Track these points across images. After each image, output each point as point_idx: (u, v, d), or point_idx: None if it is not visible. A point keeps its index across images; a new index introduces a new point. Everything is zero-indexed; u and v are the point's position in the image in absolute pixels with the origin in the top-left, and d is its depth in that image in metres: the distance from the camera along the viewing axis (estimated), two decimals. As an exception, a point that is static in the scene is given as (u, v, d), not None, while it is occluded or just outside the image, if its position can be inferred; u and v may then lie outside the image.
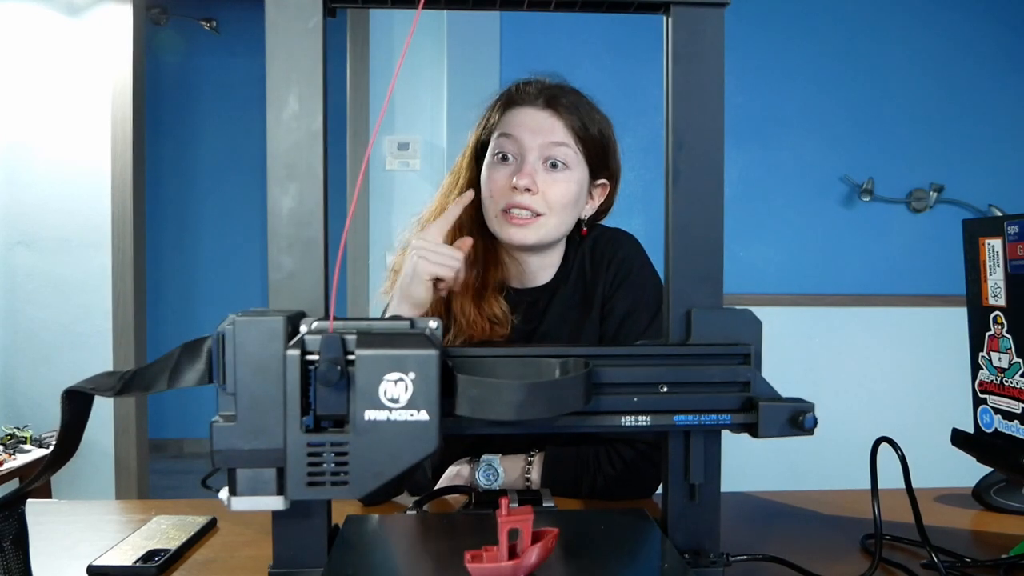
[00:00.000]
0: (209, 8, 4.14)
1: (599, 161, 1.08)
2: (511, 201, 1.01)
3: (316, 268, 0.59)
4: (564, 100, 1.05)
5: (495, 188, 1.03)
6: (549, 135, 1.02)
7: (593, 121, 1.06)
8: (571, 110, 1.04)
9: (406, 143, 2.69)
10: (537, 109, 1.04)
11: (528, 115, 1.04)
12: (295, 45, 0.58)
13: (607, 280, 1.08)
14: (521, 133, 1.03)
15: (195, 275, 4.39)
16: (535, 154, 1.02)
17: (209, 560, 0.77)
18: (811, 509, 0.94)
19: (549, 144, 1.02)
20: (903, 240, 2.73)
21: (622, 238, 1.12)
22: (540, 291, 1.12)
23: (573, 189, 1.04)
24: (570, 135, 1.04)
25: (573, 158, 1.04)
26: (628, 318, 1.06)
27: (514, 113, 1.05)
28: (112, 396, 0.53)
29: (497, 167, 1.04)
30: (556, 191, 1.02)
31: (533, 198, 1.01)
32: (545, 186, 1.02)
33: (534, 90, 1.06)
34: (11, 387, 2.66)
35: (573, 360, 0.57)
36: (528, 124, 1.03)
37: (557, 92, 1.06)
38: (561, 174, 1.03)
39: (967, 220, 0.82)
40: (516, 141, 1.03)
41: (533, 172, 1.01)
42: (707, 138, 0.62)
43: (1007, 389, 0.77)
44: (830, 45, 2.68)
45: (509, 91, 1.08)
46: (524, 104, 1.05)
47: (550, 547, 0.56)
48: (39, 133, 2.64)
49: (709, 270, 0.62)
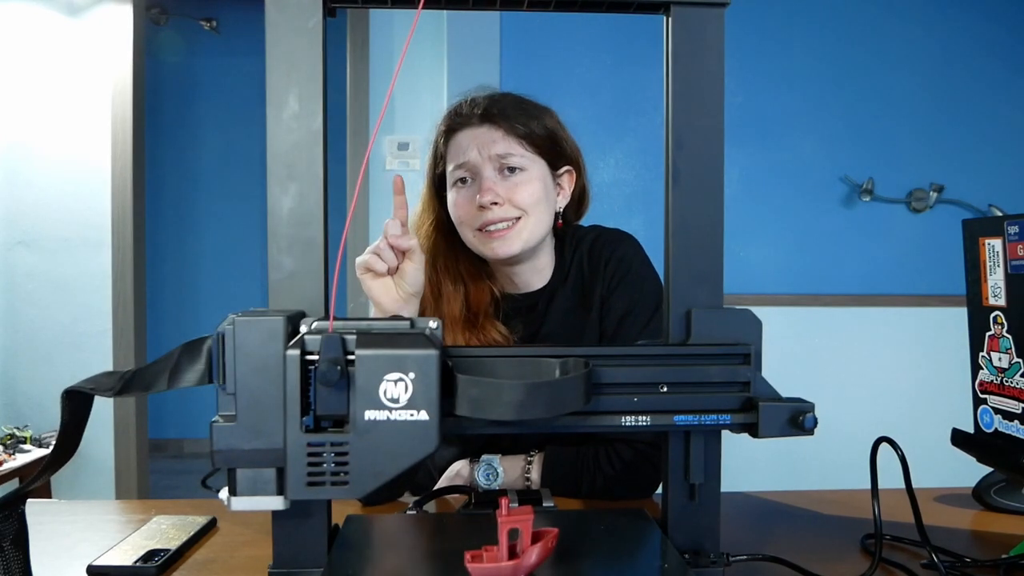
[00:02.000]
0: (209, 8, 4.14)
1: (553, 153, 1.09)
2: (484, 219, 1.03)
3: (316, 268, 0.59)
4: (496, 109, 1.06)
5: (463, 213, 1.05)
6: (493, 146, 1.04)
7: (532, 118, 1.07)
8: (506, 116, 1.06)
9: (406, 143, 2.69)
10: (475, 127, 1.06)
11: (469, 135, 1.06)
12: (295, 45, 0.58)
13: (606, 279, 1.08)
14: (468, 154, 1.04)
15: (195, 275, 4.39)
16: (488, 167, 1.04)
17: (209, 560, 0.77)
18: (811, 509, 0.94)
19: (497, 154, 1.04)
20: (903, 240, 2.73)
21: (621, 237, 1.12)
22: (538, 294, 1.12)
23: (537, 188, 1.05)
24: (513, 141, 1.05)
25: (525, 159, 1.05)
26: (627, 316, 1.06)
27: (457, 138, 1.07)
28: (112, 396, 0.53)
29: (459, 192, 1.06)
30: (521, 194, 1.03)
31: (502, 209, 1.02)
32: (509, 193, 1.03)
33: (467, 109, 1.07)
34: (11, 387, 2.66)
35: (573, 360, 0.57)
36: (472, 143, 1.05)
37: (489, 104, 1.07)
38: (519, 176, 1.04)
39: (967, 220, 0.82)
40: (466, 162, 1.04)
41: (493, 186, 1.03)
42: (707, 138, 0.62)
43: (1007, 389, 0.77)
44: (830, 45, 2.68)
45: (448, 118, 1.10)
46: (464, 126, 1.07)
47: (550, 547, 0.56)
48: (39, 133, 2.64)
49: (709, 270, 0.62)
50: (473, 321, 1.07)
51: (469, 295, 1.09)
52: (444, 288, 1.09)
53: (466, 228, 1.05)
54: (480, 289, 1.10)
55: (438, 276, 1.09)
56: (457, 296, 1.08)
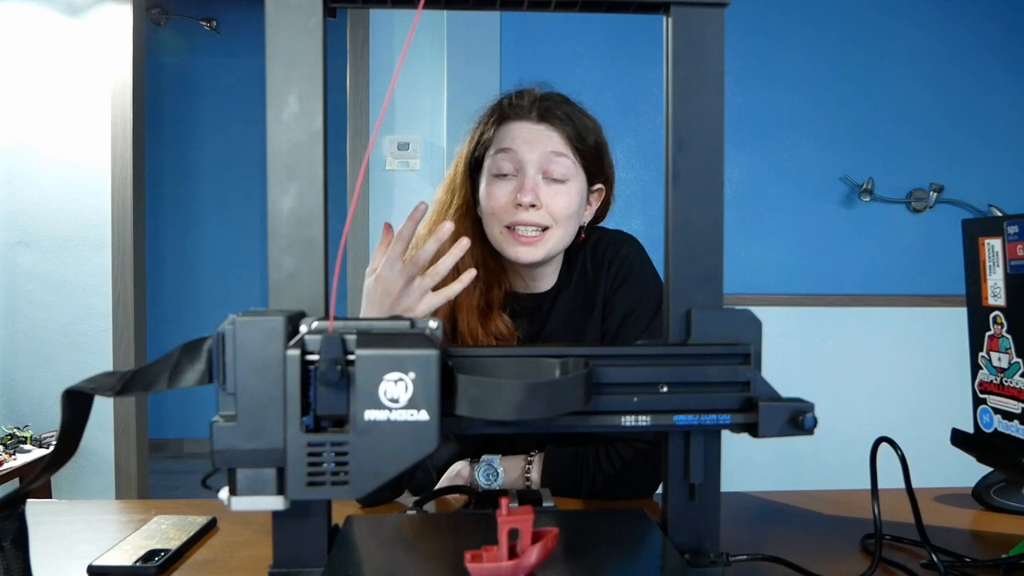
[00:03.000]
0: (209, 8, 4.14)
1: (595, 168, 1.08)
2: (516, 219, 1.01)
3: (316, 268, 0.59)
4: (558, 111, 1.04)
5: (497, 206, 1.02)
6: (547, 147, 1.02)
7: (587, 129, 1.06)
8: (565, 121, 1.04)
9: (406, 143, 2.69)
10: (532, 122, 1.03)
11: (524, 129, 1.03)
12: (295, 45, 0.58)
13: (608, 280, 1.08)
14: (518, 147, 1.02)
15: (195, 275, 4.39)
16: (534, 167, 1.02)
17: (209, 560, 0.77)
18: (811, 509, 0.94)
19: (548, 156, 1.02)
20: (903, 240, 2.73)
21: (623, 239, 1.12)
22: (543, 296, 1.12)
23: (575, 200, 1.04)
24: (567, 146, 1.03)
25: (572, 169, 1.04)
26: (629, 316, 1.06)
27: (509, 128, 1.04)
28: (112, 396, 0.53)
29: (497, 183, 1.03)
30: (559, 204, 1.02)
31: (538, 213, 1.01)
32: (548, 200, 1.01)
33: (526, 103, 1.05)
34: (11, 387, 2.66)
35: (573, 360, 0.57)
36: (525, 137, 1.02)
37: (550, 103, 1.05)
38: (562, 186, 1.03)
39: (967, 220, 0.82)
40: (514, 156, 1.02)
41: (536, 187, 1.01)
42: (707, 138, 0.62)
43: (1007, 389, 0.77)
44: (830, 45, 2.68)
45: (501, 105, 1.07)
46: (518, 118, 1.04)
47: (550, 547, 0.56)
48: (39, 133, 2.64)
49: (709, 270, 0.62)
50: (485, 311, 1.07)
51: (486, 286, 1.08)
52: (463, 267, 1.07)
53: (495, 221, 1.03)
54: (496, 281, 1.09)
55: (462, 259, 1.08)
56: (477, 284, 1.06)
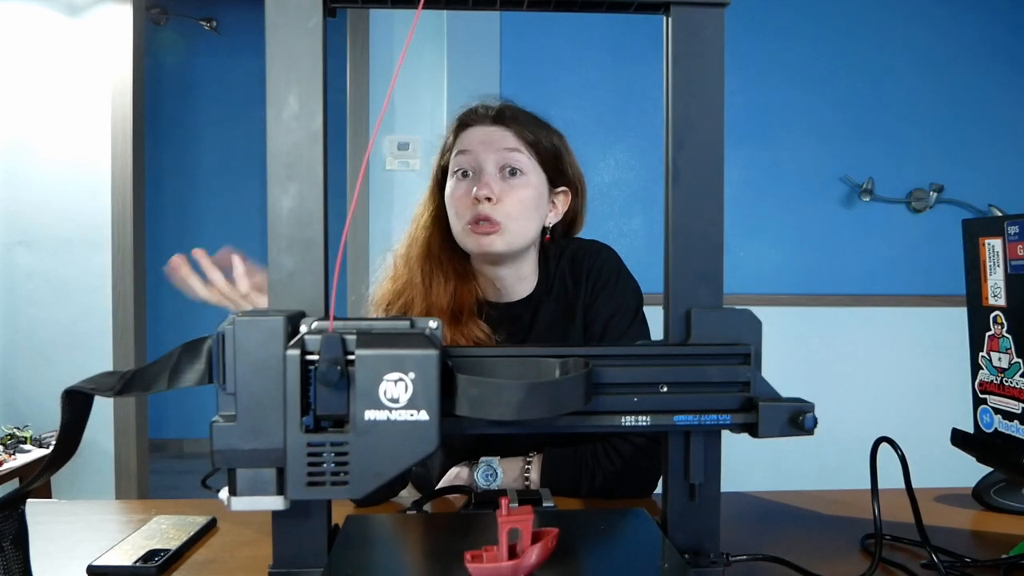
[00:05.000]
0: (209, 8, 4.14)
1: (554, 168, 1.13)
2: (475, 213, 1.05)
3: (316, 268, 0.59)
4: (511, 114, 1.11)
5: (458, 203, 1.08)
6: (501, 144, 1.08)
7: (542, 130, 1.12)
8: (519, 122, 1.10)
9: (406, 143, 2.69)
10: (487, 125, 1.10)
11: (480, 131, 1.10)
12: (295, 45, 0.58)
13: (587, 289, 1.12)
14: (475, 147, 1.08)
15: (195, 275, 4.38)
16: (491, 164, 1.07)
17: (209, 560, 0.77)
18: (811, 509, 0.94)
19: (503, 152, 1.08)
20: (903, 240, 2.73)
21: (599, 248, 1.16)
22: (522, 305, 1.14)
23: (531, 194, 1.08)
24: (521, 143, 1.09)
25: (527, 164, 1.09)
26: (611, 321, 1.10)
27: (467, 132, 1.11)
28: (112, 396, 0.53)
29: (459, 183, 1.09)
30: (514, 198, 1.06)
31: (493, 207, 1.05)
32: (503, 194, 1.06)
33: (482, 109, 1.12)
34: (11, 387, 2.66)
35: (573, 360, 0.57)
36: (481, 139, 1.09)
37: (505, 108, 1.12)
38: (518, 180, 1.08)
39: (967, 220, 0.82)
40: (471, 155, 1.08)
41: (491, 182, 1.06)
42: (707, 138, 0.62)
43: (1007, 389, 0.77)
44: (830, 45, 2.68)
45: (461, 115, 1.14)
46: (476, 123, 1.11)
47: (550, 547, 0.56)
48: (39, 133, 2.64)
49: (709, 270, 0.62)
50: (457, 316, 1.10)
51: (457, 289, 1.12)
52: (435, 279, 1.11)
53: (457, 219, 1.08)
54: (466, 288, 1.12)
55: (431, 266, 1.11)
56: (447, 290, 1.11)
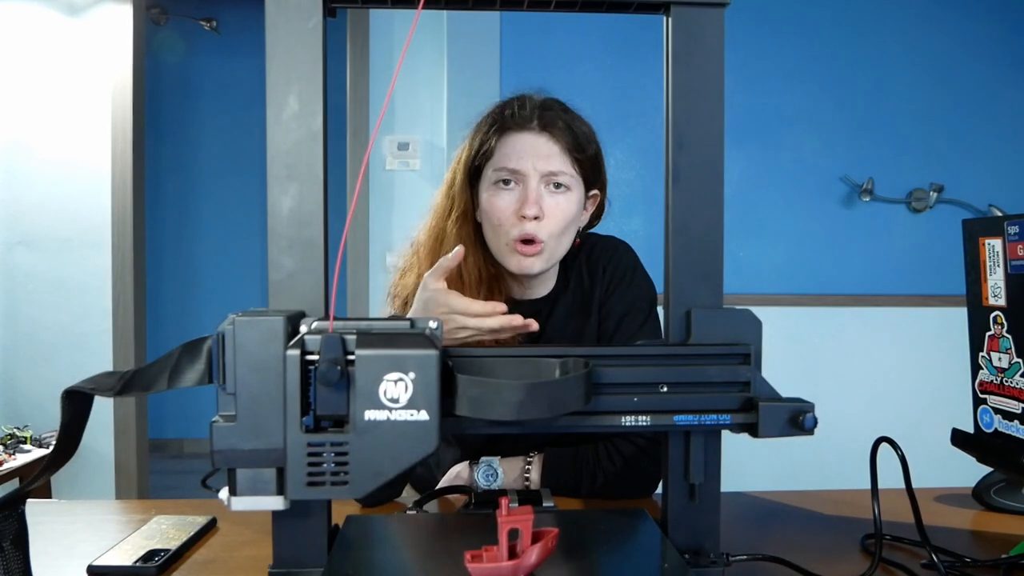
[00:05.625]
0: (209, 8, 4.14)
1: (593, 176, 1.10)
2: (521, 232, 1.01)
3: (316, 268, 0.59)
4: (559, 121, 1.04)
5: (502, 217, 1.02)
6: (548, 162, 1.02)
7: (586, 138, 1.07)
8: (566, 131, 1.04)
9: (406, 143, 2.69)
10: (533, 134, 1.04)
11: (525, 140, 1.03)
12: (295, 45, 0.58)
13: (603, 285, 1.11)
14: (521, 161, 1.02)
15: (195, 275, 4.38)
16: (536, 179, 1.02)
17: (209, 560, 0.77)
18: (811, 509, 0.94)
19: (549, 168, 1.02)
20: (903, 240, 2.73)
21: (616, 245, 1.15)
22: (541, 302, 1.14)
23: (574, 209, 1.05)
24: (567, 159, 1.04)
25: (572, 179, 1.05)
26: (624, 319, 1.08)
27: (510, 139, 1.04)
28: (112, 396, 0.53)
29: (500, 194, 1.03)
30: (559, 215, 1.02)
31: (538, 226, 1.01)
32: (550, 210, 1.02)
33: (527, 112, 1.05)
34: (11, 387, 2.65)
35: (573, 360, 0.57)
36: (527, 151, 1.02)
37: (549, 113, 1.05)
38: (563, 196, 1.04)
39: (967, 220, 0.82)
40: (517, 167, 1.02)
41: (539, 199, 1.01)
42: (707, 138, 0.62)
43: (1007, 389, 0.77)
44: (830, 45, 2.68)
45: (502, 114, 1.07)
46: (519, 129, 1.04)
47: (550, 547, 0.56)
48: (39, 133, 2.63)
49: (709, 270, 0.62)
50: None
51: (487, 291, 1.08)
52: (466, 278, 1.07)
53: (500, 233, 1.04)
54: (498, 287, 1.10)
55: (462, 269, 1.07)
56: (479, 291, 1.07)
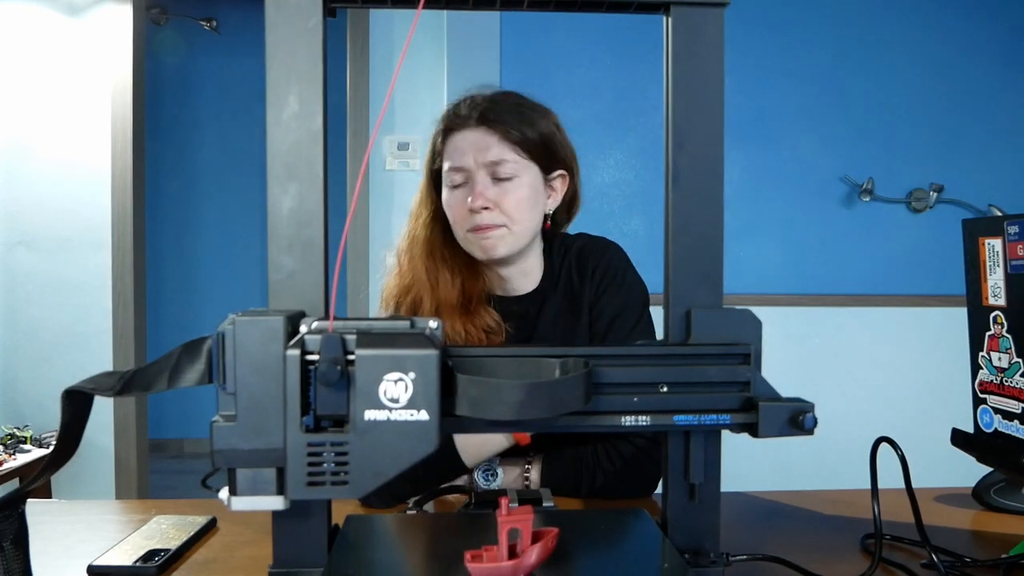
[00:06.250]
0: (209, 8, 4.14)
1: (546, 156, 1.10)
2: (473, 223, 1.05)
3: (316, 268, 0.59)
4: (495, 113, 1.07)
5: (456, 214, 1.08)
6: (487, 153, 1.05)
7: (528, 123, 1.08)
8: (504, 121, 1.06)
9: (406, 143, 2.69)
10: (472, 129, 1.07)
11: (465, 138, 1.07)
12: (295, 45, 0.58)
13: (593, 286, 1.12)
14: (462, 158, 1.06)
15: (195, 275, 4.39)
16: (481, 172, 1.05)
17: (209, 560, 0.77)
18: (811, 509, 0.94)
19: (490, 159, 1.05)
20: (903, 240, 2.73)
21: (607, 246, 1.15)
22: (528, 299, 1.14)
23: (526, 194, 1.07)
24: (507, 148, 1.06)
25: (517, 166, 1.06)
26: (617, 319, 1.09)
27: (453, 139, 1.08)
28: (112, 396, 0.53)
29: (453, 194, 1.08)
30: (510, 201, 1.05)
31: (492, 214, 1.05)
32: (498, 198, 1.05)
33: (466, 110, 1.08)
34: (11, 387, 2.66)
35: (573, 360, 0.57)
36: (466, 147, 1.06)
37: (489, 106, 1.07)
38: (510, 183, 1.06)
39: (967, 220, 0.82)
40: (461, 164, 1.06)
41: (484, 191, 1.05)
42: (707, 138, 0.62)
43: (1007, 389, 0.77)
44: (830, 45, 2.68)
45: (447, 116, 1.11)
46: (460, 128, 1.08)
47: (550, 547, 0.56)
48: (39, 133, 2.64)
49: (709, 270, 0.62)
50: (467, 307, 1.10)
51: (464, 283, 1.12)
52: (441, 276, 1.11)
53: (458, 227, 1.08)
54: (473, 281, 1.12)
55: (435, 264, 1.11)
56: (455, 284, 1.10)
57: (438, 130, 1.12)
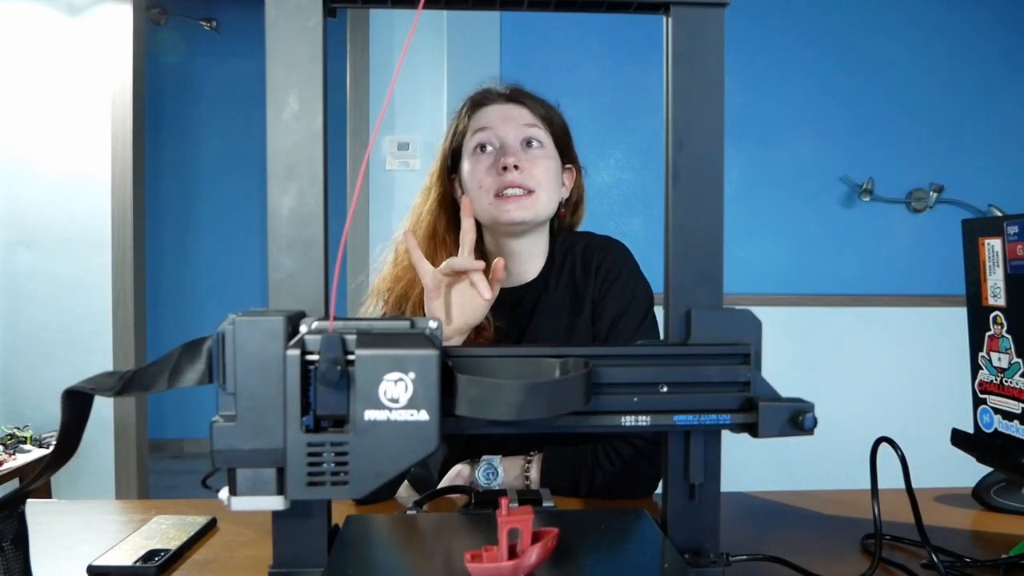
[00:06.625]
0: (209, 8, 4.14)
1: (564, 145, 1.16)
2: (502, 182, 1.06)
3: (316, 268, 0.59)
4: (523, 94, 1.14)
5: (482, 177, 1.08)
6: (520, 119, 1.11)
7: (553, 110, 1.16)
8: (534, 100, 1.14)
9: (406, 143, 2.69)
10: (501, 104, 1.13)
11: (497, 109, 1.12)
12: (295, 45, 0.58)
13: (597, 283, 1.12)
14: (494, 123, 1.10)
15: (195, 275, 4.39)
16: (512, 137, 1.09)
17: (209, 560, 0.77)
18: (811, 509, 0.94)
19: (522, 126, 1.10)
20: (903, 240, 2.73)
21: (612, 244, 1.16)
22: (525, 289, 1.14)
23: (553, 165, 1.11)
24: (537, 119, 1.12)
25: (545, 138, 1.12)
26: (620, 319, 1.08)
27: (483, 111, 1.13)
28: (112, 396, 0.53)
29: (479, 159, 1.10)
30: (539, 167, 1.09)
31: (521, 175, 1.07)
32: (529, 164, 1.08)
33: (496, 90, 1.15)
34: (11, 387, 2.66)
35: (573, 360, 0.57)
36: (499, 115, 1.11)
37: (517, 88, 1.15)
38: (539, 151, 1.10)
39: (967, 220, 0.82)
40: (492, 131, 1.10)
41: (517, 151, 1.08)
42: (707, 138, 0.62)
43: (1007, 389, 0.77)
44: (830, 45, 2.68)
45: (473, 97, 1.15)
46: (490, 102, 1.13)
47: (550, 547, 0.56)
48: (39, 133, 2.64)
49: (709, 270, 0.62)
50: None
51: None
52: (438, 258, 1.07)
53: (483, 194, 1.08)
54: None
55: (435, 247, 1.11)
56: None
57: (463, 108, 1.15)
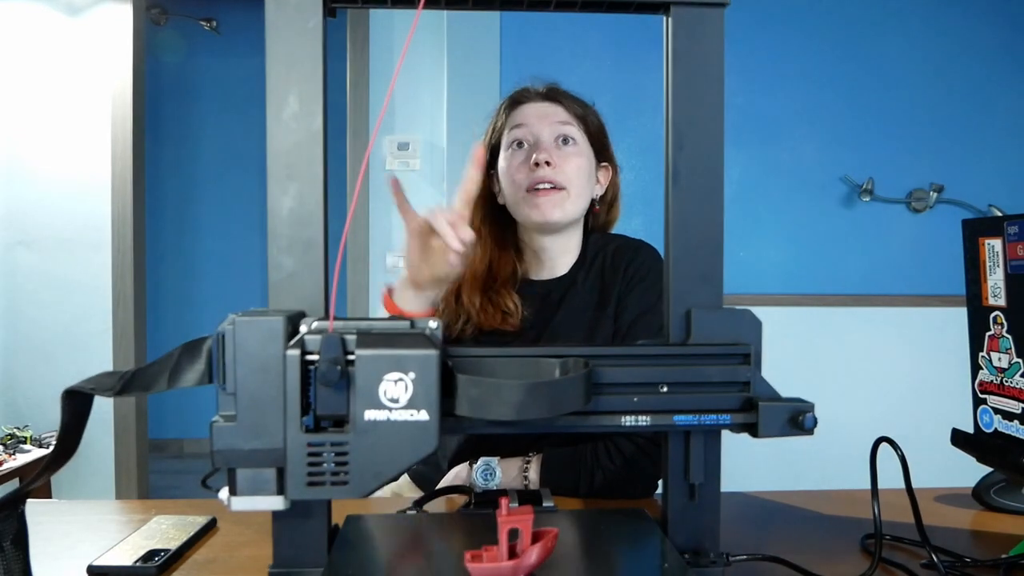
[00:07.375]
0: (209, 8, 4.14)
1: (599, 144, 1.18)
2: (534, 177, 1.09)
3: (316, 268, 0.59)
4: (561, 94, 1.18)
5: (516, 172, 1.12)
6: (555, 117, 1.14)
7: (589, 109, 1.19)
8: (570, 99, 1.17)
9: (406, 143, 2.69)
10: (539, 102, 1.16)
11: (534, 107, 1.15)
12: (295, 45, 0.58)
13: (624, 282, 1.13)
14: (530, 120, 1.13)
15: (195, 275, 4.38)
16: (547, 134, 1.12)
17: (209, 560, 0.77)
18: (811, 509, 0.94)
19: (557, 124, 1.12)
20: (903, 240, 2.73)
21: (641, 245, 1.18)
22: (555, 283, 1.16)
23: (585, 163, 1.13)
24: (573, 117, 1.15)
25: (579, 135, 1.15)
26: (641, 318, 1.09)
27: (521, 109, 1.16)
28: (112, 396, 0.53)
29: (515, 154, 1.13)
30: (572, 165, 1.11)
31: (553, 171, 1.09)
32: (561, 161, 1.10)
33: (534, 89, 1.18)
34: (11, 387, 2.66)
35: (573, 360, 0.57)
36: (535, 113, 1.14)
37: (555, 87, 1.19)
38: (572, 148, 1.12)
39: (967, 220, 0.82)
40: (527, 128, 1.13)
41: (550, 148, 1.10)
42: (707, 138, 0.62)
43: (1007, 389, 0.77)
44: (830, 45, 2.68)
45: (511, 95, 1.19)
46: (528, 100, 1.17)
47: (550, 547, 0.56)
48: (39, 133, 2.63)
49: (709, 270, 0.62)
50: (491, 285, 1.13)
51: (493, 263, 1.15)
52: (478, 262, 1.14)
53: (516, 189, 1.11)
54: (505, 259, 1.16)
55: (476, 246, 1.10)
56: (483, 260, 1.15)
57: (501, 105, 1.19)
